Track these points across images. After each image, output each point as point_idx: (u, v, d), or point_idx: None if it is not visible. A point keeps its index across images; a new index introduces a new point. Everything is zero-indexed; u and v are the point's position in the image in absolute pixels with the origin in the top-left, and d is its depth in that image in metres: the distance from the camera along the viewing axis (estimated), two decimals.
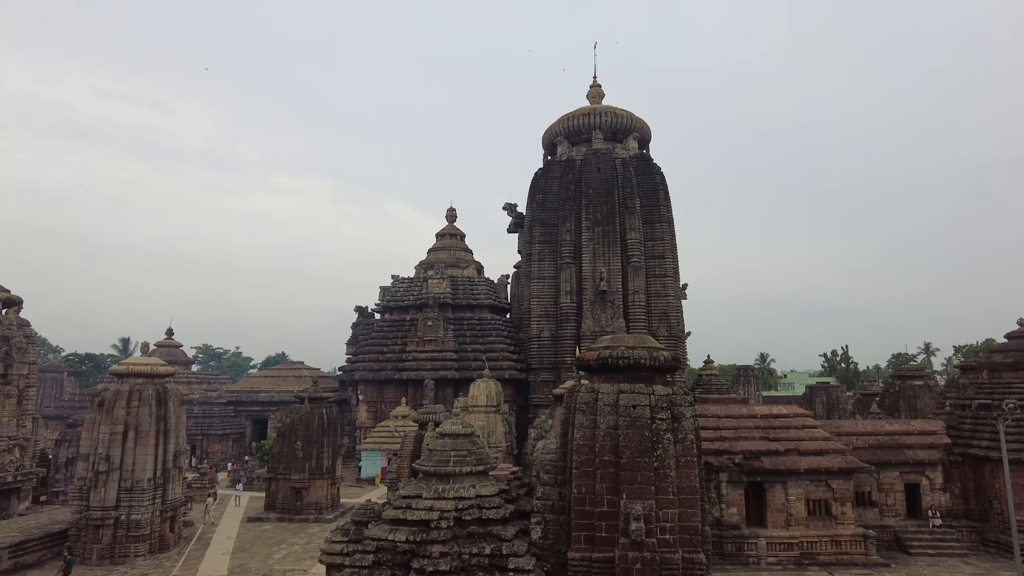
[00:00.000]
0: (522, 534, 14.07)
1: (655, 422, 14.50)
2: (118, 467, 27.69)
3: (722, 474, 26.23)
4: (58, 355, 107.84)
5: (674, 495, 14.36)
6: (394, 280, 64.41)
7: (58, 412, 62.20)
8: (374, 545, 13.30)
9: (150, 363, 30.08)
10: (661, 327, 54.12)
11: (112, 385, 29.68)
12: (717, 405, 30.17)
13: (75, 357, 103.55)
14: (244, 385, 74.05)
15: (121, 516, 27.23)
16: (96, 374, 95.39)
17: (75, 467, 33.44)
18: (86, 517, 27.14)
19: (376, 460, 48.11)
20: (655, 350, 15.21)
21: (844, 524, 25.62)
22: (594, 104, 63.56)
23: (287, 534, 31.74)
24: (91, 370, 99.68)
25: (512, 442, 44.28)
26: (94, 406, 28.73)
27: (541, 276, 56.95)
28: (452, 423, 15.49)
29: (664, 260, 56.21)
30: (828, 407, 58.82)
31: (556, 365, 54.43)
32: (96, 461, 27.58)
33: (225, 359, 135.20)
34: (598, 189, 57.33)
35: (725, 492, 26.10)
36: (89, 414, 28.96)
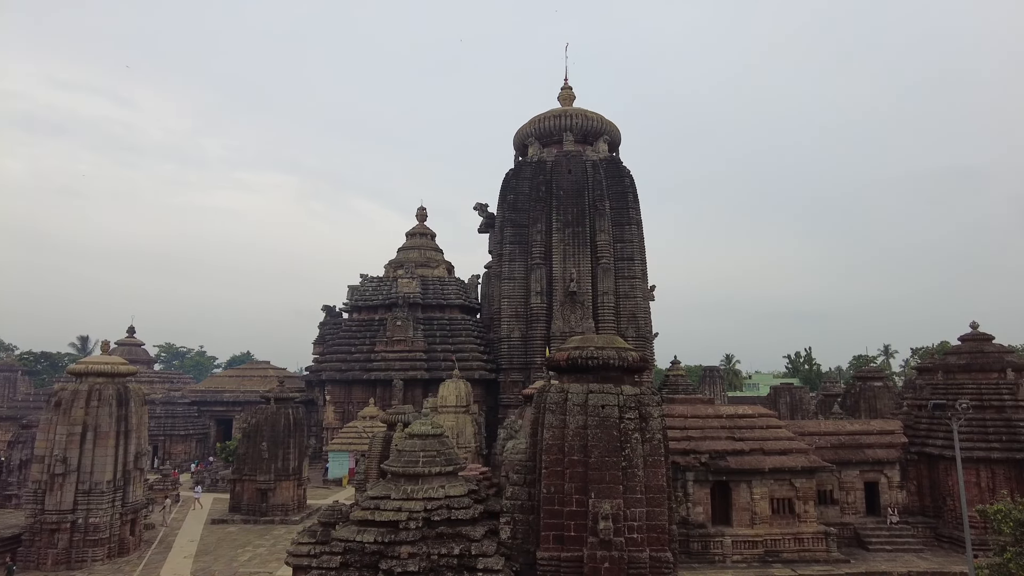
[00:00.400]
0: (491, 534, 14.08)
1: (623, 422, 14.63)
2: (75, 469, 26.94)
3: (688, 473, 26.59)
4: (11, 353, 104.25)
5: (642, 494, 14.50)
6: (363, 279, 63.82)
7: (11, 413, 60.18)
8: (342, 546, 13.17)
9: (110, 362, 29.32)
10: (630, 328, 54.63)
11: (70, 385, 28.88)
12: (684, 405, 30.57)
13: (30, 356, 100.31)
14: (208, 385, 72.63)
15: (78, 520, 26.50)
16: (52, 373, 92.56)
17: (29, 470, 32.41)
18: (41, 521, 26.33)
19: (343, 461, 47.62)
20: (624, 351, 15.36)
21: (807, 522, 26.19)
22: (565, 106, 63.88)
23: (252, 536, 31.23)
24: (47, 369, 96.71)
25: (482, 442, 44.23)
26: (50, 406, 27.90)
27: (512, 277, 57.03)
28: (421, 423, 15.43)
29: (633, 262, 56.75)
30: (792, 407, 60.07)
31: (526, 365, 54.54)
32: (52, 463, 26.79)
33: (189, 358, 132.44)
34: (568, 191, 57.64)
35: (691, 491, 26.47)
36: (45, 415, 28.13)
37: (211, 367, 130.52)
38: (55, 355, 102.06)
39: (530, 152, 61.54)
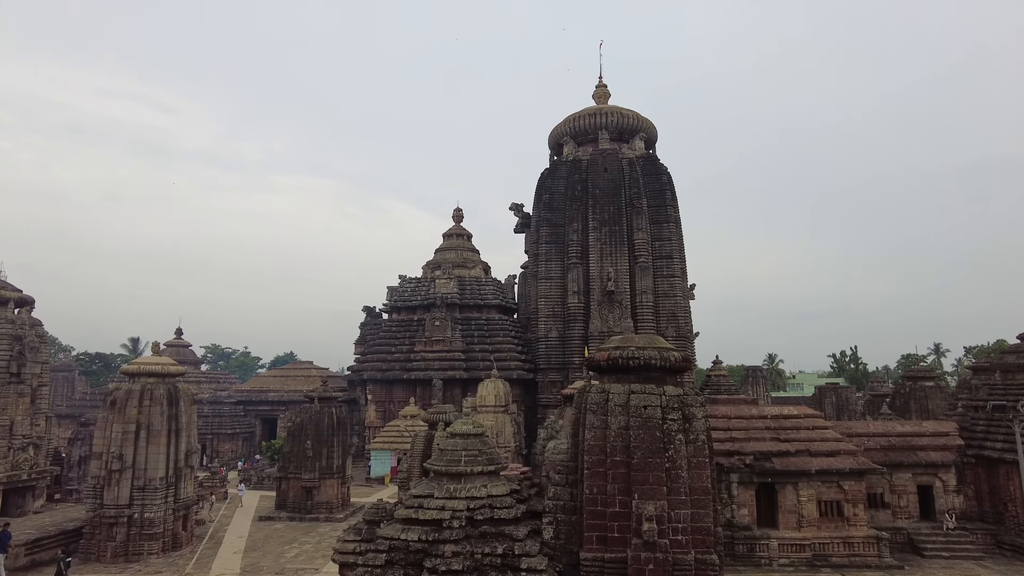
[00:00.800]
0: (534, 534, 14.10)
1: (666, 423, 14.49)
2: (131, 466, 27.90)
3: (733, 475, 26.16)
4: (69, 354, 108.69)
5: (686, 496, 14.35)
6: (401, 280, 64.57)
7: (70, 411, 62.62)
8: (386, 544, 13.35)
9: (161, 362, 30.28)
10: (669, 327, 54.02)
11: (124, 384, 29.89)
12: (727, 406, 30.10)
13: (85, 356, 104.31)
14: (253, 385, 74.38)
15: (134, 514, 27.44)
16: (106, 373, 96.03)
17: (88, 465, 33.72)
18: (100, 515, 27.36)
19: (386, 459, 48.25)
20: (666, 351, 15.21)
21: (856, 526, 25.50)
22: (600, 104, 63.51)
23: (298, 533, 31.88)
24: (101, 369, 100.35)
25: (521, 442, 44.32)
26: (106, 405, 28.94)
27: (548, 276, 56.96)
28: (462, 423, 15.54)
29: (672, 260, 56.10)
30: (838, 408, 58.57)
31: (564, 365, 54.43)
32: (109, 460, 27.79)
33: (234, 359, 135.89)
34: (605, 189, 57.29)
35: (736, 493, 26.04)
36: (101, 413, 29.17)
37: (255, 367, 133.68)
38: (108, 356, 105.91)
39: (565, 151, 61.38)
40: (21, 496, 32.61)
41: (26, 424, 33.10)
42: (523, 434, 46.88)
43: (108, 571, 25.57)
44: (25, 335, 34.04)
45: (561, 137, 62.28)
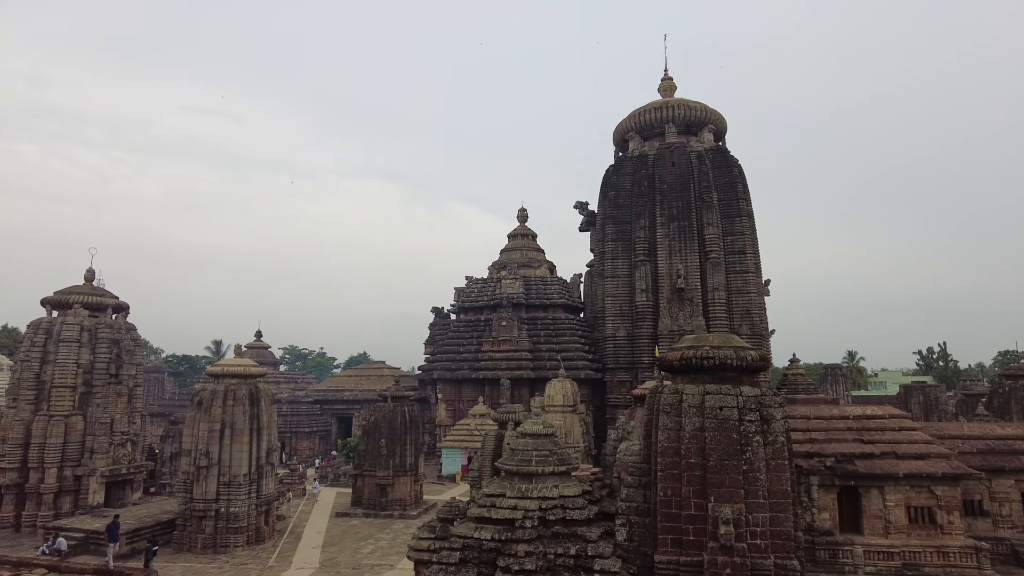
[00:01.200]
0: (607, 535, 13.98)
1: (743, 424, 14.06)
2: (217, 462, 29.36)
3: (812, 477, 25.11)
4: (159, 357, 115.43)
5: (764, 499, 13.89)
6: (468, 281, 65.31)
7: (161, 410, 66.51)
8: (460, 543, 13.53)
9: (243, 364, 31.70)
10: (743, 325, 52.42)
11: (209, 385, 31.48)
12: (805, 406, 28.93)
13: (173, 358, 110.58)
14: (329, 384, 76.91)
15: (221, 508, 28.87)
16: (192, 374, 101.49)
17: (178, 462, 35.72)
18: (190, 508, 28.95)
19: (456, 458, 48.91)
20: (742, 350, 14.75)
21: (951, 534, 23.98)
22: (666, 97, 62.25)
23: (373, 529, 32.74)
24: (188, 370, 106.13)
25: (590, 443, 44.02)
26: (194, 405, 30.55)
27: (615, 274, 56.30)
28: (533, 423, 15.57)
29: (745, 255, 54.41)
30: (926, 408, 55.36)
31: (633, 365, 53.70)
32: (197, 456, 29.34)
33: (310, 359, 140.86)
34: (672, 184, 56.12)
35: (816, 496, 24.97)
36: (189, 412, 30.83)
37: (331, 367, 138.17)
38: (194, 358, 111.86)
39: (631, 147, 60.52)
40: (121, 489, 34.88)
41: (124, 422, 35.38)
42: (592, 434, 46.54)
43: (199, 561, 26.99)
44: (122, 339, 36.38)
45: (626, 132, 61.44)
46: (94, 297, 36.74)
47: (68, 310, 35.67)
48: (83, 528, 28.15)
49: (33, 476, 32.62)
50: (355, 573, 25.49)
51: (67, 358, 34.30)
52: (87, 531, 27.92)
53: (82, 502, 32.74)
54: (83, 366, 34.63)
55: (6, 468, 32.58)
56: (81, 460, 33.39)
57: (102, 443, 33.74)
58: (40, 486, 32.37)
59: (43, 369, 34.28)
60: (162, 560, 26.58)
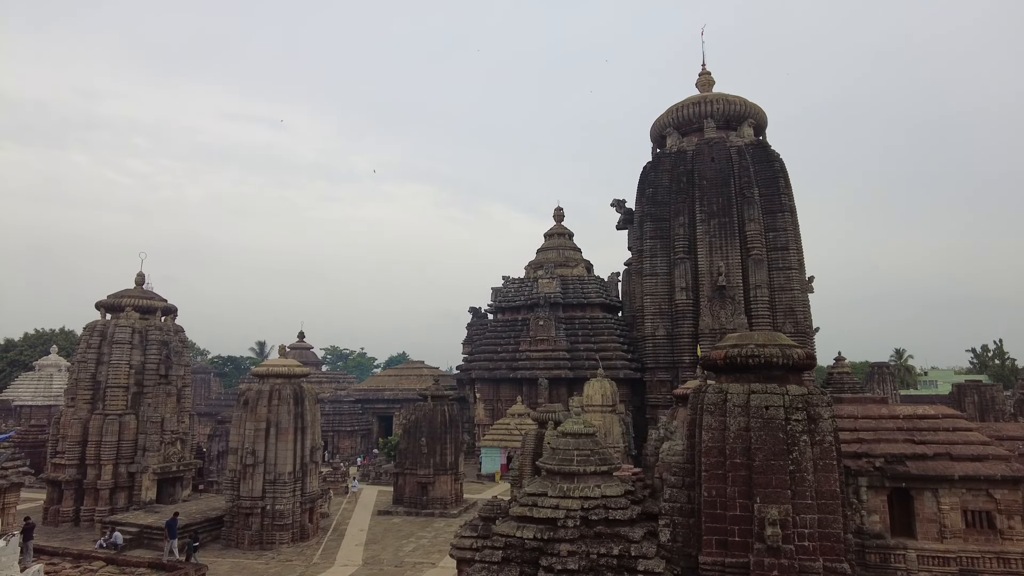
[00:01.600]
0: (650, 536, 13.83)
1: (790, 423, 13.77)
2: (262, 461, 30.01)
3: (861, 479, 24.40)
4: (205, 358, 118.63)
5: (812, 500, 13.59)
6: (504, 281, 65.42)
7: (208, 410, 68.38)
8: (503, 541, 13.55)
9: (287, 364, 32.35)
10: (787, 323, 51.31)
11: (254, 385, 32.21)
12: (852, 405, 28.13)
13: (219, 359, 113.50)
14: (370, 384, 77.98)
15: (267, 506, 29.51)
16: (237, 375, 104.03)
17: (226, 460, 36.66)
18: (237, 505, 29.67)
19: (495, 457, 49.06)
20: (788, 348, 14.43)
21: (1013, 540, 23.01)
22: (704, 92, 61.32)
23: (415, 528, 33.06)
24: (233, 371, 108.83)
25: (630, 443, 43.65)
26: (240, 404, 31.30)
27: (654, 273, 55.69)
28: (573, 422, 15.50)
29: (787, 252, 53.24)
30: (981, 408, 53.28)
31: (673, 364, 53.05)
32: (243, 455, 30.05)
33: (351, 359, 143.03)
34: (712, 180, 55.25)
35: (865, 498, 24.27)
36: (236, 412, 31.59)
37: (371, 367, 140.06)
38: (239, 358, 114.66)
39: (668, 143, 59.78)
40: (172, 485, 35.97)
41: (174, 421, 36.48)
42: (632, 435, 46.14)
43: (246, 557, 27.64)
44: (171, 340, 37.51)
45: (664, 128, 60.73)
46: (144, 300, 37.96)
47: (120, 313, 36.93)
48: (137, 523, 29.13)
49: (90, 472, 33.89)
50: (398, 571, 25.77)
51: (120, 359, 35.51)
52: (141, 526, 28.88)
53: (136, 498, 33.88)
54: (135, 367, 35.82)
55: (66, 464, 33.93)
56: (134, 457, 34.55)
57: (153, 441, 34.86)
58: (97, 482, 33.61)
59: (98, 370, 35.56)
60: (211, 555, 27.32)
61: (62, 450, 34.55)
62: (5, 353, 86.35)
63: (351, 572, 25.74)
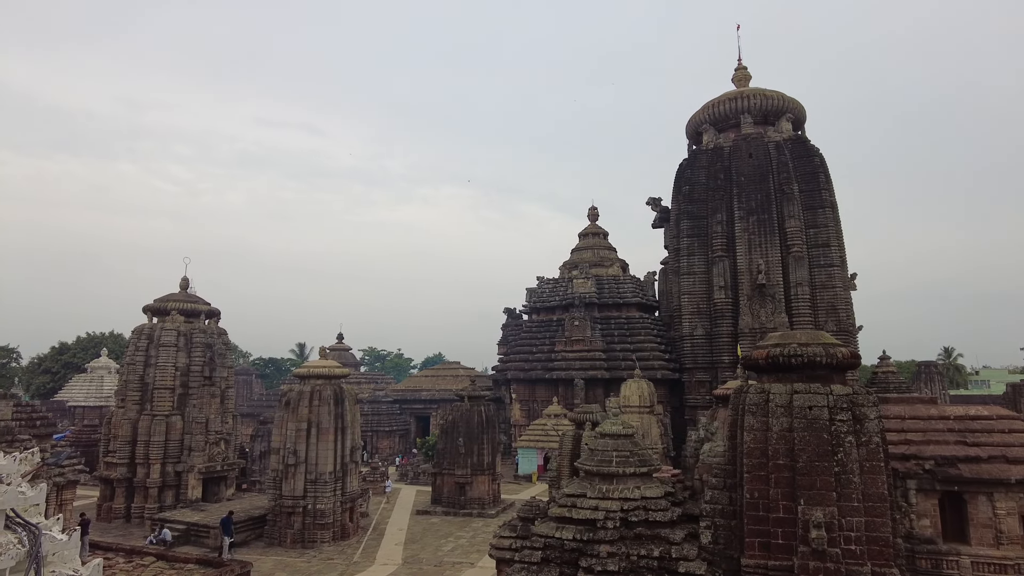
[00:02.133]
0: (691, 538, 13.68)
1: (835, 424, 13.45)
2: (304, 460, 30.55)
3: (910, 481, 23.67)
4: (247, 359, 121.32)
5: (859, 502, 13.24)
6: (539, 281, 65.32)
7: (250, 410, 69.89)
8: (542, 542, 13.55)
9: (327, 365, 32.88)
10: (829, 321, 50.11)
11: (296, 386, 32.81)
12: (899, 405, 27.30)
13: (260, 361, 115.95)
14: (407, 384, 78.73)
15: (308, 505, 30.03)
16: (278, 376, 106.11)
17: (268, 460, 37.43)
18: (280, 505, 30.26)
19: (532, 457, 49.05)
20: (831, 346, 14.10)
21: None
22: (740, 87, 60.29)
23: (453, 528, 33.25)
24: (274, 372, 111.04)
25: (669, 444, 43.18)
26: (281, 405, 31.92)
27: (691, 271, 54.97)
28: (612, 423, 15.41)
29: (829, 248, 52.00)
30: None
31: (712, 364, 52.28)
32: (285, 455, 30.63)
33: (388, 360, 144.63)
34: (750, 176, 54.29)
35: (915, 501, 23.53)
36: (278, 412, 32.22)
37: (408, 368, 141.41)
38: (280, 360, 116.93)
39: (704, 139, 58.96)
40: (216, 485, 36.89)
41: (218, 421, 37.41)
42: (670, 436, 45.63)
43: (288, 555, 28.18)
44: (214, 343, 38.48)
45: (699, 125, 59.92)
46: (188, 304, 39.01)
47: (166, 316, 38.03)
48: (184, 520, 29.95)
49: (140, 471, 34.99)
50: (437, 570, 25.96)
51: (166, 361, 36.57)
52: (188, 523, 29.68)
53: (183, 496, 34.86)
54: (180, 369, 36.84)
55: (117, 463, 35.09)
56: (181, 457, 35.53)
57: (198, 441, 35.80)
58: (146, 480, 34.68)
59: (146, 372, 36.69)
60: (254, 553, 27.92)
61: (113, 449, 35.74)
62: (59, 356, 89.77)
63: (391, 571, 26.02)
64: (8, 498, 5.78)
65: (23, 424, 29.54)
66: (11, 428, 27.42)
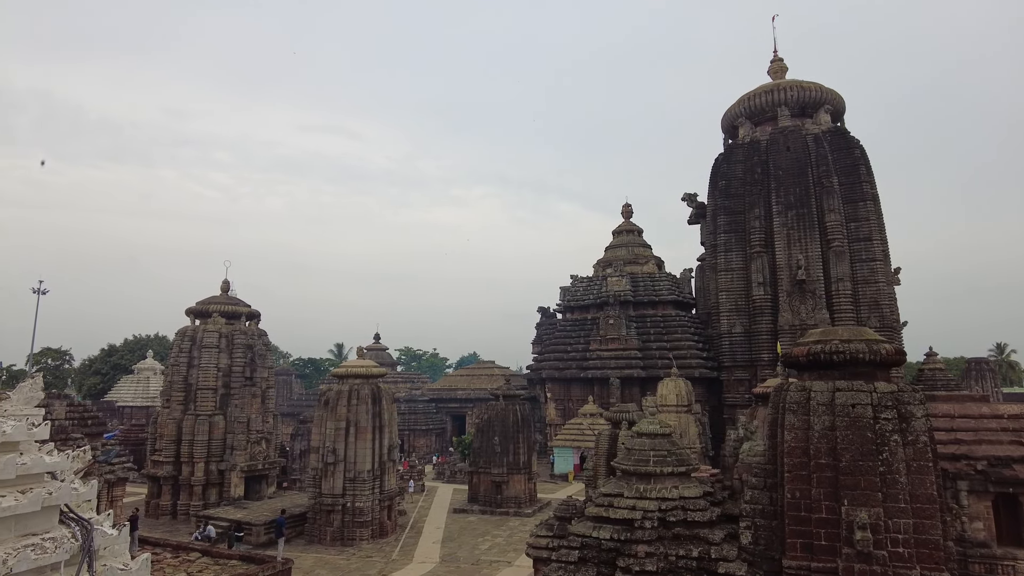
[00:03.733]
0: (730, 538, 13.46)
1: (879, 422, 13.07)
2: (343, 459, 30.99)
3: (960, 482, 22.85)
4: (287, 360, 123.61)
5: (906, 503, 12.84)
6: (573, 280, 65.00)
7: (290, 410, 71.20)
8: (579, 541, 13.49)
9: (364, 365, 33.29)
10: (872, 317, 48.78)
11: (334, 385, 33.30)
12: (948, 403, 26.33)
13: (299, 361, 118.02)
14: (443, 384, 79.28)
15: (347, 503, 30.46)
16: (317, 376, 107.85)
17: (307, 458, 38.10)
18: (319, 503, 30.75)
19: (568, 457, 48.90)
20: (875, 343, 13.72)
21: None
22: (777, 80, 59.07)
23: (490, 526, 33.35)
24: (312, 373, 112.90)
25: (707, 444, 42.57)
26: (320, 404, 32.44)
27: (729, 268, 54.08)
28: (649, 422, 15.26)
29: (871, 242, 50.61)
30: None
31: (751, 362, 51.37)
32: (325, 453, 31.12)
33: (424, 360, 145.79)
34: (788, 170, 53.17)
35: (966, 503, 22.72)
36: (317, 412, 32.76)
37: (443, 367, 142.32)
38: (318, 360, 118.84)
39: (740, 133, 57.96)
40: (258, 483, 37.68)
41: (259, 421, 38.20)
42: (708, 435, 44.98)
43: (328, 552, 28.62)
44: (255, 344, 39.31)
45: (735, 119, 58.91)
46: (230, 306, 39.92)
47: (208, 319, 39.00)
48: (227, 517, 30.66)
49: (185, 469, 35.95)
50: (474, 568, 26.07)
51: (208, 363, 37.49)
52: (231, 520, 30.38)
53: (225, 494, 35.70)
54: (222, 369, 37.73)
55: (163, 462, 36.13)
56: (223, 456, 36.40)
57: (240, 440, 36.62)
58: (191, 478, 35.62)
59: (189, 373, 37.67)
60: (295, 550, 28.44)
61: (159, 448, 36.79)
62: (108, 358, 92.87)
63: (429, 569, 26.23)
64: (62, 494, 6.00)
65: (76, 423, 30.65)
66: (64, 427, 28.49)
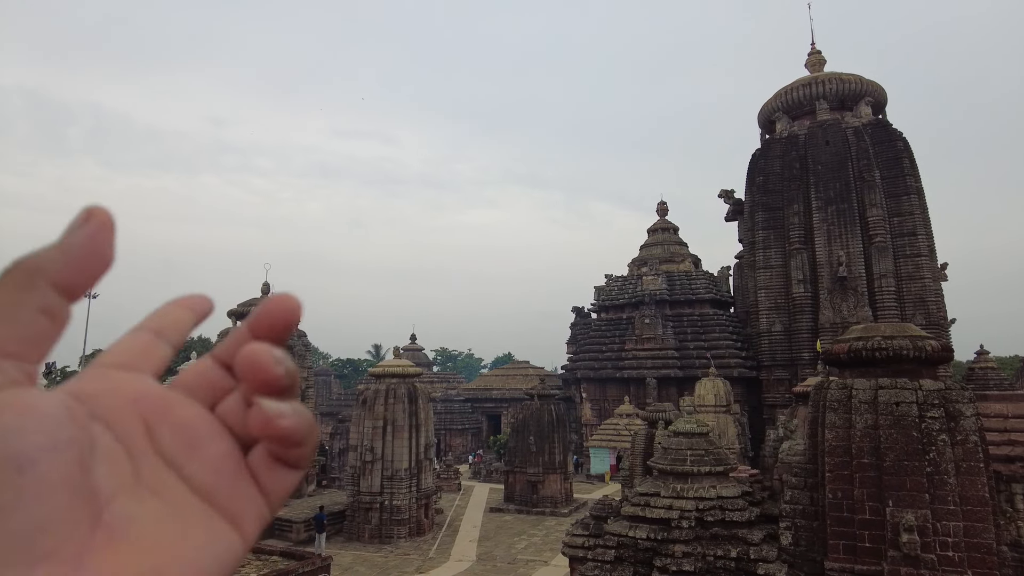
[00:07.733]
0: (770, 539, 13.24)
1: (925, 421, 12.71)
2: (380, 457, 31.40)
3: (1015, 485, 22.04)
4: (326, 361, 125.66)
5: (956, 505, 12.46)
6: (607, 279, 64.56)
7: (329, 409, 72.31)
8: (615, 541, 13.43)
9: (401, 364, 33.70)
10: (917, 315, 47.26)
11: (372, 385, 33.76)
12: (1001, 403, 25.39)
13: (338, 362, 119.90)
14: (478, 384, 79.63)
15: (385, 501, 30.84)
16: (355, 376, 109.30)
17: (346, 457, 38.67)
18: (358, 501, 31.21)
19: (604, 457, 48.66)
20: (919, 339, 13.34)
21: None
22: (815, 72, 57.70)
23: (526, 526, 33.38)
24: (351, 373, 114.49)
25: (746, 444, 41.85)
26: (358, 403, 32.94)
27: (767, 265, 53.07)
28: (686, 421, 15.11)
29: (915, 237, 49.10)
30: None
31: (791, 361, 50.31)
32: (363, 452, 31.58)
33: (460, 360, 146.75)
34: (828, 164, 51.94)
35: (1021, 507, 21.91)
36: (355, 411, 33.27)
37: (478, 367, 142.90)
38: (356, 361, 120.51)
39: (778, 128, 56.81)
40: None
41: None
42: (748, 435, 44.22)
43: (367, 550, 29.03)
44: (295, 345, 40.08)
45: (772, 113, 57.78)
46: None
47: None
48: None
49: None
50: (511, 567, 26.13)
51: None
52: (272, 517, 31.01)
53: None
54: None
55: None
56: None
57: None
58: None
59: None
60: (334, 547, 28.88)
61: None
62: None
63: (466, 567, 26.39)
64: None
65: None
66: None
